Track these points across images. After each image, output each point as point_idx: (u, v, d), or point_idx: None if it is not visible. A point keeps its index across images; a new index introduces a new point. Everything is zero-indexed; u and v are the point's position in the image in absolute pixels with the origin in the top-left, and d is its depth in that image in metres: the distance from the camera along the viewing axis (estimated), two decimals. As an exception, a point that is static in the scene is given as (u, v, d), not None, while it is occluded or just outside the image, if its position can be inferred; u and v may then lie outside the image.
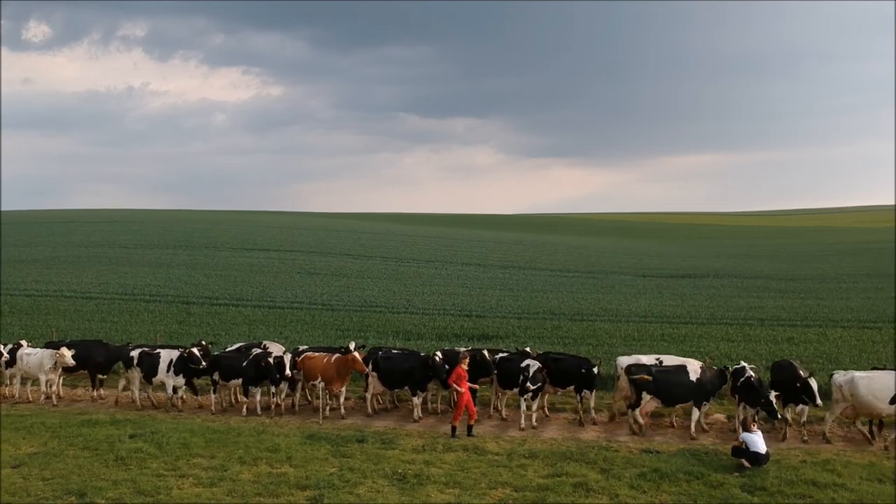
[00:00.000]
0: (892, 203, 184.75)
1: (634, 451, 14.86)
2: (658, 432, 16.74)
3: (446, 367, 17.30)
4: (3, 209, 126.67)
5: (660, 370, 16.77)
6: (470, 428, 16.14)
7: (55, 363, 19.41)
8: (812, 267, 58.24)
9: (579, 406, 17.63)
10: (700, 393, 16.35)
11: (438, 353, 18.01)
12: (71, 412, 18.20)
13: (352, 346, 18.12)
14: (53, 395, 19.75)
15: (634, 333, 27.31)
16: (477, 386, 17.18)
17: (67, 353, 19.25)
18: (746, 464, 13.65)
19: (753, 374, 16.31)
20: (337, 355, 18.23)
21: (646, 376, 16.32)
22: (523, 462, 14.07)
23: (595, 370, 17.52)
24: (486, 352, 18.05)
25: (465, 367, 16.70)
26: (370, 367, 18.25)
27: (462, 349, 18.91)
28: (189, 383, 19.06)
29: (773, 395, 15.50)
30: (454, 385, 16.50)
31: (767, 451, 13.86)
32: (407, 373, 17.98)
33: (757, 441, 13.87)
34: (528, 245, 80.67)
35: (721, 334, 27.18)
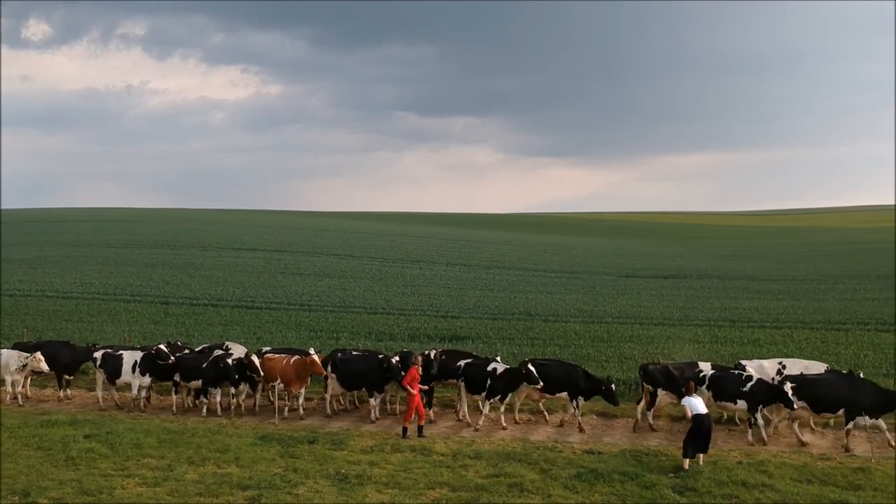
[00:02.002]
0: (892, 203, 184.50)
1: (578, 451, 15.16)
2: (607, 433, 17.07)
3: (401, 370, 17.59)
4: (1, 208, 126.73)
5: (675, 366, 17.44)
6: (420, 429, 16.44)
7: (24, 365, 19.63)
8: (795, 267, 58.57)
9: (552, 409, 17.63)
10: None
11: (396, 356, 18.36)
12: (32, 413, 18.44)
13: (311, 350, 18.45)
14: (20, 396, 19.99)
15: (604, 335, 27.56)
16: (426, 387, 17.45)
17: (42, 359, 19.44)
18: (686, 466, 13.97)
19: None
20: (296, 357, 18.55)
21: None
22: (466, 462, 14.35)
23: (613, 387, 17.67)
24: (430, 352, 18.43)
25: (419, 368, 17.03)
26: (329, 368, 18.54)
27: (428, 351, 19.20)
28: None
29: (787, 386, 15.71)
30: (406, 387, 16.77)
31: (707, 413, 14.44)
32: (364, 374, 18.27)
33: (697, 404, 14.42)
34: (517, 245, 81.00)
35: (689, 335, 27.46)
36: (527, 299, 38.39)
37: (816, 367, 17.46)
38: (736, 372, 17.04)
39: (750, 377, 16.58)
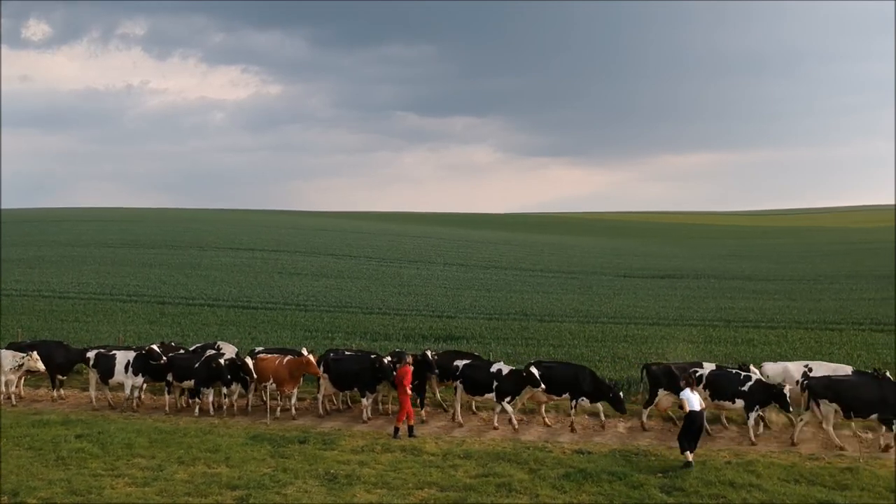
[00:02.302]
0: (892, 203, 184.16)
1: (568, 451, 15.18)
2: (599, 433, 17.10)
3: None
4: (1, 208, 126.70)
5: (678, 366, 17.41)
6: (411, 429, 16.46)
7: (20, 365, 19.66)
8: (793, 267, 58.59)
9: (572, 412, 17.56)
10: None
11: (388, 357, 18.41)
12: (25, 412, 18.48)
13: (304, 350, 18.49)
14: (13, 396, 20.03)
15: (598, 335, 27.58)
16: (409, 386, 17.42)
17: (38, 358, 19.47)
18: (689, 456, 14.02)
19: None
20: (289, 357, 18.59)
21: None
22: (456, 462, 14.37)
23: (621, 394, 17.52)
24: (427, 352, 18.47)
25: (410, 368, 17.08)
26: (321, 368, 18.56)
27: (427, 351, 19.21)
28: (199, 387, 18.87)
29: (786, 388, 15.75)
30: (405, 386, 16.76)
31: (702, 409, 14.51)
32: (356, 374, 18.29)
33: (694, 400, 14.46)
34: (514, 245, 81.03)
35: (683, 335, 27.47)
36: (523, 299, 38.44)
37: (843, 371, 17.24)
38: (735, 371, 17.04)
39: (749, 377, 16.57)
